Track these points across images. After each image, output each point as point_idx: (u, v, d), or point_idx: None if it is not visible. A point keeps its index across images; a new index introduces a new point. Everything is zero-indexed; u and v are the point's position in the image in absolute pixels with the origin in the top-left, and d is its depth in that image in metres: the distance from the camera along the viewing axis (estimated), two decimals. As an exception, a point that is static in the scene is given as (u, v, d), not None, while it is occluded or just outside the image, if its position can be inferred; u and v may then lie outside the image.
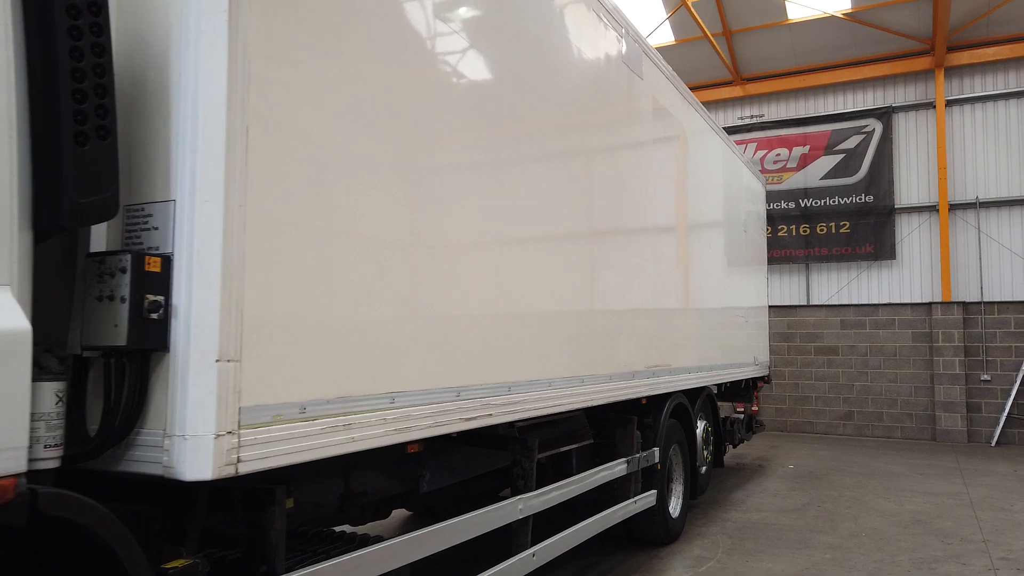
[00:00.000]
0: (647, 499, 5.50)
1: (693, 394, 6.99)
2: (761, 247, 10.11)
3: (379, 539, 2.85)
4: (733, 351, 8.18)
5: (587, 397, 4.29)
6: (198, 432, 2.00)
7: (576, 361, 4.20)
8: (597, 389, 4.43)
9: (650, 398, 5.60)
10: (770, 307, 13.72)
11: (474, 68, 3.34)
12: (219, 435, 2.02)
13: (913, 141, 13.48)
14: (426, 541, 3.03)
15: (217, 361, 2.03)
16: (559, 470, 5.28)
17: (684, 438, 6.53)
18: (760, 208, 10.13)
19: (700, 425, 7.27)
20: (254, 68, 2.18)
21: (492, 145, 3.45)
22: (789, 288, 14.28)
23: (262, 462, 2.18)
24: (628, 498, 5.28)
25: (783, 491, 8.26)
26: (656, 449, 5.65)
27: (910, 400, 13.08)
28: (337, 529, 3.10)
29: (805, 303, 14.08)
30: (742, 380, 9.01)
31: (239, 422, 2.10)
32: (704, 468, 7.45)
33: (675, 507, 6.27)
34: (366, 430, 2.58)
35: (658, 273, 5.74)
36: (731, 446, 8.79)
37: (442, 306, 3.02)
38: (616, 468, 5.00)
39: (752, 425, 9.42)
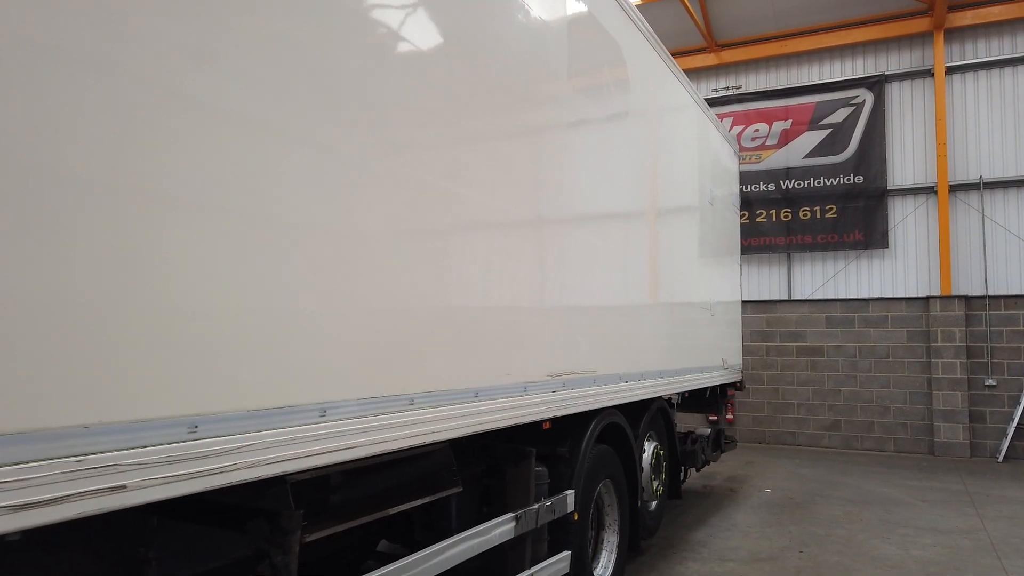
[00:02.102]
0: (555, 566, 3.79)
1: (637, 409, 5.31)
2: (733, 229, 8.44)
3: None
4: (695, 353, 6.50)
5: (414, 431, 2.57)
6: None
7: (394, 372, 2.49)
8: (441, 415, 2.72)
9: (559, 421, 3.90)
10: (745, 302, 12.12)
11: None
12: None
13: (908, 114, 11.89)
14: None
15: None
16: (433, 525, 3.63)
17: (621, 469, 4.83)
18: (732, 181, 8.46)
19: (648, 449, 5.59)
20: None
21: None
22: (768, 280, 12.66)
23: None
24: (522, 569, 3.58)
25: (756, 528, 6.60)
26: (570, 493, 3.94)
27: (905, 408, 11.48)
28: None
29: (786, 297, 12.46)
30: (707, 388, 7.34)
31: None
32: (654, 504, 5.77)
33: (605, 567, 4.59)
34: None
35: (574, 248, 4.05)
36: (694, 469, 7.12)
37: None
38: (494, 532, 3.28)
39: (720, 442, 7.74)
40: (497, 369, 3.16)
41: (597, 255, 4.36)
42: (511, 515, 3.41)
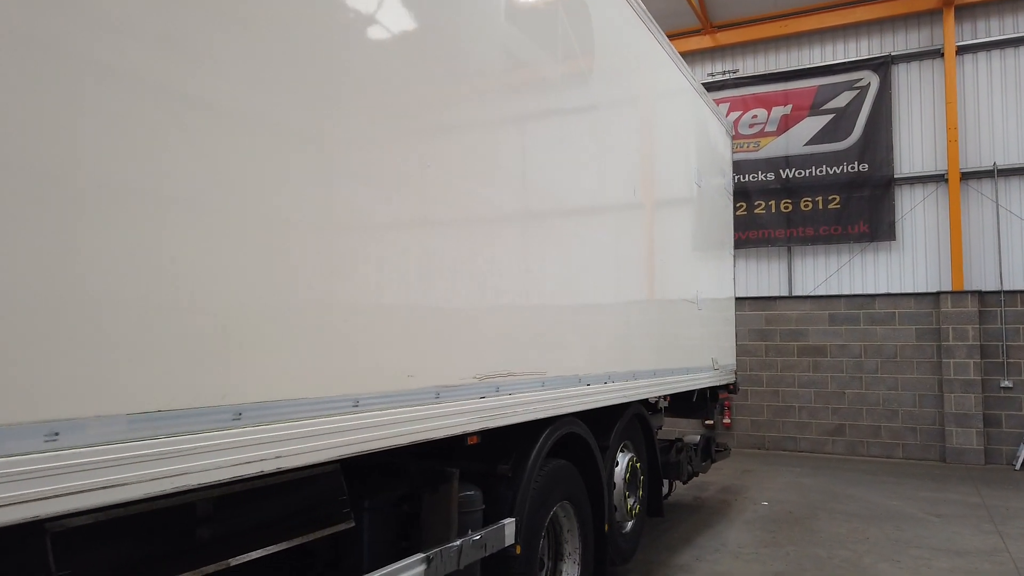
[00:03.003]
0: (486, 616, 3.07)
1: (606, 416, 4.59)
2: (725, 218, 7.71)
3: None
4: (679, 352, 5.77)
5: (242, 456, 1.85)
6: None
7: (204, 376, 1.78)
8: (293, 433, 2.00)
9: (496, 433, 3.18)
10: (743, 298, 11.41)
11: None
12: None
13: (916, 97, 11.13)
14: None
15: None
16: (338, 564, 2.94)
17: (583, 487, 4.10)
18: (724, 164, 7.73)
19: (622, 461, 4.87)
20: None
21: None
22: (768, 275, 11.90)
23: None
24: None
25: (749, 548, 5.86)
26: (508, 522, 3.21)
27: (914, 411, 10.71)
28: None
29: (787, 294, 11.70)
30: (694, 391, 6.60)
31: None
32: (630, 524, 5.04)
33: (561, 606, 3.86)
34: None
35: (513, 220, 3.34)
36: (680, 482, 6.39)
37: None
38: (391, 580, 2.55)
39: (711, 451, 7.00)
40: (392, 370, 2.44)
41: (550, 232, 3.63)
42: (420, 556, 2.68)
